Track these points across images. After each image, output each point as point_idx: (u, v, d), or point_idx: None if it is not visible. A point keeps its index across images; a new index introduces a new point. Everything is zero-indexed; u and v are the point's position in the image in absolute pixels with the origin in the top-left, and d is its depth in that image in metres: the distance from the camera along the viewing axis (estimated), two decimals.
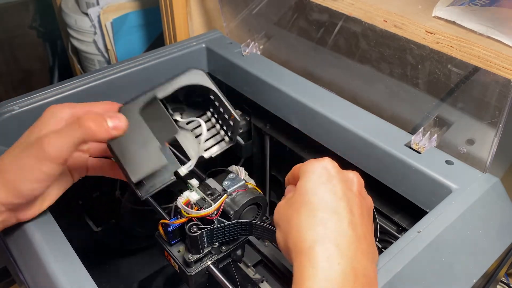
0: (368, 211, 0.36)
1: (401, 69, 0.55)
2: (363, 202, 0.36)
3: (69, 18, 1.13)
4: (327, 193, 0.33)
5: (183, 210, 0.48)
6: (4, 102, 0.56)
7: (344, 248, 0.30)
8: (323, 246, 0.30)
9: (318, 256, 0.30)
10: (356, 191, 0.36)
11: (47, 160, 0.40)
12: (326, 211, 0.32)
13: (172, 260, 0.50)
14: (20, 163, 0.40)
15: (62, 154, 0.40)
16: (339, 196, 0.33)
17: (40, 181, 0.41)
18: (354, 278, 0.30)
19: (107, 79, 0.61)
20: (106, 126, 0.41)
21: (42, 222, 0.45)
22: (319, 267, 0.29)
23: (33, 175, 0.40)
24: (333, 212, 0.32)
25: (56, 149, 0.39)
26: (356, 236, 0.32)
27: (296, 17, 0.67)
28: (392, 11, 0.51)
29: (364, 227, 0.34)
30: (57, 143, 0.40)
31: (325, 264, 0.30)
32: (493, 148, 0.47)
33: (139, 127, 0.45)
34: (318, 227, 0.31)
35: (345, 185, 0.35)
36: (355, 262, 0.31)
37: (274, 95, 0.60)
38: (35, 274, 0.42)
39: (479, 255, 0.44)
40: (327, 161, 0.36)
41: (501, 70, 0.43)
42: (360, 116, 0.54)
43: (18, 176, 0.40)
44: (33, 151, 0.40)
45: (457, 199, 0.44)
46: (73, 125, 0.40)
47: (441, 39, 0.47)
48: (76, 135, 0.40)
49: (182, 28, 0.86)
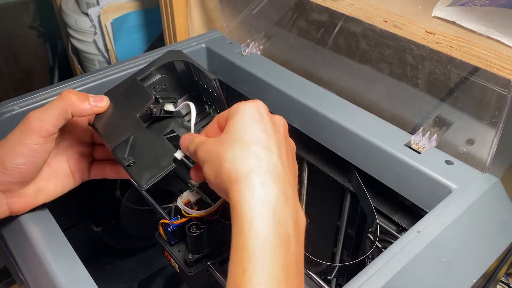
0: (292, 151, 0.40)
1: (401, 69, 0.55)
2: (287, 143, 0.39)
3: (69, 18, 1.13)
4: (259, 130, 0.36)
5: (183, 210, 0.48)
6: (4, 102, 0.56)
7: (275, 177, 0.34)
8: (258, 174, 0.34)
9: (254, 182, 0.33)
10: (283, 133, 0.39)
11: (29, 132, 0.41)
12: (259, 146, 0.35)
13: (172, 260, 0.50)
14: (8, 139, 0.42)
15: (44, 126, 0.41)
16: (270, 135, 0.36)
17: (23, 155, 0.41)
18: (285, 201, 0.34)
19: (107, 79, 0.61)
20: (88, 100, 0.44)
21: (42, 222, 0.45)
22: (255, 190, 0.33)
23: (16, 148, 0.41)
24: (265, 147, 0.35)
25: (38, 120, 0.41)
26: (284, 169, 0.35)
27: (296, 17, 0.67)
28: (392, 11, 0.51)
29: (289, 164, 0.37)
30: (40, 114, 0.42)
31: (261, 188, 0.33)
32: (493, 148, 0.47)
33: (120, 105, 0.47)
34: (252, 159, 0.34)
35: (274, 126, 0.38)
36: (285, 188, 0.34)
37: (274, 95, 0.60)
38: (35, 274, 0.42)
39: (479, 255, 0.44)
40: (258, 102, 0.39)
41: (501, 70, 0.43)
42: (360, 116, 0.54)
43: (5, 151, 0.41)
44: (19, 126, 0.42)
45: (457, 199, 0.44)
46: (57, 98, 0.43)
47: (441, 39, 0.47)
48: (59, 107, 0.42)
49: (182, 28, 0.86)
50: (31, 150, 0.41)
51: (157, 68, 0.50)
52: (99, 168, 0.51)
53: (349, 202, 0.60)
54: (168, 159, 0.46)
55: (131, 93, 0.48)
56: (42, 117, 0.42)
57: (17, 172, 0.42)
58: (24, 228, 0.44)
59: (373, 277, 0.37)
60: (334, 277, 0.49)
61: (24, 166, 0.42)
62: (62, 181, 0.47)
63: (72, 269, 0.40)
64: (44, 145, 0.42)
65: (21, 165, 0.41)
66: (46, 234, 0.43)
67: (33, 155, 0.42)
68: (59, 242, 0.42)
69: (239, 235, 0.33)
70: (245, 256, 0.32)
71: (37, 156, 0.42)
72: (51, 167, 0.46)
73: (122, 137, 0.45)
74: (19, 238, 0.44)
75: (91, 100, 0.44)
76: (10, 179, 0.42)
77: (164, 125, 0.51)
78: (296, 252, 0.34)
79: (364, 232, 0.60)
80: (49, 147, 0.43)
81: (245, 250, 0.32)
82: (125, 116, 0.46)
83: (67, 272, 0.39)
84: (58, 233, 0.44)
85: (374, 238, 0.51)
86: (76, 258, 0.41)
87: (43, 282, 0.40)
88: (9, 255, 0.46)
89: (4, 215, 0.44)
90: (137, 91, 0.48)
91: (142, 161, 0.45)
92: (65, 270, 0.40)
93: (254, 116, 0.37)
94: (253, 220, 0.32)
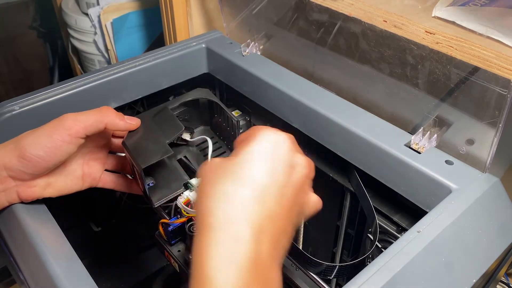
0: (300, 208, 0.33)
1: (401, 69, 0.55)
2: (298, 196, 0.32)
3: (69, 18, 1.13)
4: (262, 171, 0.30)
5: (183, 210, 0.48)
6: (4, 102, 0.56)
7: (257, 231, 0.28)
8: (235, 225, 0.28)
9: (226, 236, 0.28)
10: (297, 182, 0.32)
11: (60, 127, 0.43)
12: (251, 190, 0.29)
13: (172, 260, 0.50)
14: (36, 130, 0.43)
15: (76, 126, 0.43)
16: (274, 179, 0.30)
17: (46, 148, 0.42)
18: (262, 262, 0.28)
19: (107, 79, 0.61)
20: (123, 117, 0.47)
21: (42, 222, 0.45)
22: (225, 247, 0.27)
23: (41, 140, 0.42)
24: (259, 194, 0.29)
25: (73, 119, 0.43)
26: (276, 223, 0.29)
27: (296, 17, 0.67)
28: (392, 11, 0.51)
29: (286, 221, 0.31)
30: (77, 116, 0.44)
31: (232, 245, 0.27)
32: (493, 148, 0.47)
33: (150, 128, 0.51)
34: (236, 205, 0.29)
35: (288, 169, 0.31)
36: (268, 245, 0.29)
37: (274, 95, 0.60)
38: (35, 274, 0.42)
39: (479, 255, 0.44)
40: (283, 136, 0.33)
41: (501, 70, 0.43)
42: (360, 116, 0.54)
43: (29, 141, 0.42)
44: (52, 122, 0.44)
45: (457, 199, 0.44)
46: (95, 109, 0.45)
47: (441, 39, 0.47)
48: (96, 115, 0.45)
49: (182, 28, 0.86)
50: (54, 146, 0.42)
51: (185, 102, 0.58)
52: (108, 178, 0.53)
53: (349, 202, 0.60)
54: (179, 183, 0.51)
55: (162, 120, 0.52)
56: (77, 118, 0.44)
57: (34, 164, 0.42)
58: (24, 228, 0.44)
59: (373, 277, 0.37)
60: (334, 277, 0.49)
61: (41, 160, 0.43)
62: (72, 182, 0.48)
63: (72, 269, 0.40)
64: (68, 145, 0.43)
65: (40, 158, 0.42)
66: (46, 234, 0.43)
67: (54, 151, 0.43)
68: (59, 242, 0.43)
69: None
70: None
71: (57, 153, 0.43)
72: (65, 166, 0.48)
73: (152, 160, 0.48)
74: (19, 238, 0.44)
75: (126, 118, 0.48)
76: (25, 169, 0.43)
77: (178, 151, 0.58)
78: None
79: (364, 232, 0.60)
80: (71, 148, 0.44)
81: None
82: (155, 140, 0.49)
83: (67, 272, 0.39)
84: (58, 233, 0.44)
85: (374, 238, 0.51)
86: (76, 258, 0.41)
87: (43, 282, 0.40)
88: (9, 255, 0.46)
89: (14, 202, 0.45)
90: (168, 120, 0.52)
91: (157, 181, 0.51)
92: (65, 270, 0.40)
93: (267, 150, 0.31)
94: (213, 282, 0.26)
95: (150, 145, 0.49)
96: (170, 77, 0.67)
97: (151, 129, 0.50)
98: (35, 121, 0.48)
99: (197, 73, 0.70)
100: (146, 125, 0.50)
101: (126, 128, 0.48)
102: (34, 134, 0.43)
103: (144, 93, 0.65)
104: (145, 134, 0.50)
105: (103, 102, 0.61)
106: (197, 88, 0.55)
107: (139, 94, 0.65)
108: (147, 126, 0.50)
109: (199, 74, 0.70)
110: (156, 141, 0.49)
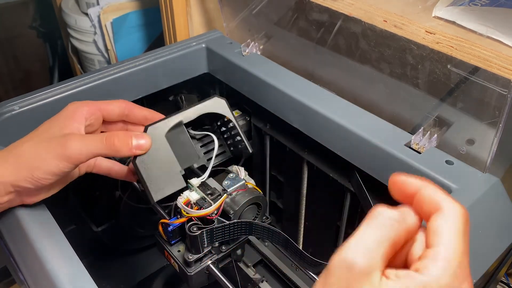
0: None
1: (401, 69, 0.55)
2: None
3: (69, 18, 1.13)
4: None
5: (183, 209, 0.48)
6: (4, 102, 0.55)
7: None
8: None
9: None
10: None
11: (66, 160, 0.42)
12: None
13: (172, 260, 0.50)
14: (40, 152, 0.43)
15: (80, 158, 0.43)
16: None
17: (54, 174, 0.43)
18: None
19: (107, 79, 0.61)
20: (130, 144, 0.45)
21: (42, 222, 0.45)
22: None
23: (49, 168, 0.42)
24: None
25: (78, 152, 0.43)
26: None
27: (296, 17, 0.67)
28: (392, 11, 0.51)
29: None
30: (80, 148, 0.43)
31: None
32: (493, 148, 0.47)
33: (164, 149, 0.48)
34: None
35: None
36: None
37: (274, 95, 0.60)
38: (35, 274, 0.42)
39: (479, 255, 0.44)
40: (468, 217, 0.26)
41: (501, 70, 0.43)
42: (360, 116, 0.54)
43: (34, 164, 0.42)
44: (55, 146, 0.43)
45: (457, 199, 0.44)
46: (100, 137, 0.44)
47: (441, 39, 0.47)
48: (99, 147, 0.44)
49: (182, 28, 0.86)
50: (62, 172, 0.43)
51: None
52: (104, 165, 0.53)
53: (349, 202, 0.60)
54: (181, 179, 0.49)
55: (176, 139, 0.50)
56: (81, 151, 0.43)
57: (42, 185, 0.43)
58: (24, 228, 0.44)
59: None
60: None
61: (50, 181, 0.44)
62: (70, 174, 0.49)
63: (72, 269, 0.40)
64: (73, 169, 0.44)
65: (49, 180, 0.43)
66: (46, 234, 0.43)
67: (62, 174, 0.44)
68: (59, 242, 0.43)
69: None
70: None
71: (64, 176, 0.45)
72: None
73: (164, 193, 0.48)
74: (19, 238, 0.44)
75: (134, 140, 0.45)
76: (32, 188, 0.43)
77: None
78: None
79: None
80: (76, 172, 0.48)
81: None
82: (168, 168, 0.49)
83: (67, 272, 0.39)
84: (58, 233, 0.44)
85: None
86: (76, 258, 0.41)
87: (43, 282, 0.40)
88: (9, 255, 0.46)
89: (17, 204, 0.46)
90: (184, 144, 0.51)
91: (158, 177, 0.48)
92: (65, 270, 0.40)
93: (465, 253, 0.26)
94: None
95: (163, 175, 0.48)
96: (170, 77, 0.67)
97: (164, 149, 0.48)
98: (35, 121, 0.48)
99: (197, 73, 0.70)
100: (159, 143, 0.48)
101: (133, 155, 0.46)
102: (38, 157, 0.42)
103: (144, 93, 0.65)
104: (158, 156, 0.48)
105: None
106: (214, 98, 0.53)
107: (139, 94, 0.65)
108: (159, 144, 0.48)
109: (199, 74, 0.70)
110: (170, 170, 0.48)
